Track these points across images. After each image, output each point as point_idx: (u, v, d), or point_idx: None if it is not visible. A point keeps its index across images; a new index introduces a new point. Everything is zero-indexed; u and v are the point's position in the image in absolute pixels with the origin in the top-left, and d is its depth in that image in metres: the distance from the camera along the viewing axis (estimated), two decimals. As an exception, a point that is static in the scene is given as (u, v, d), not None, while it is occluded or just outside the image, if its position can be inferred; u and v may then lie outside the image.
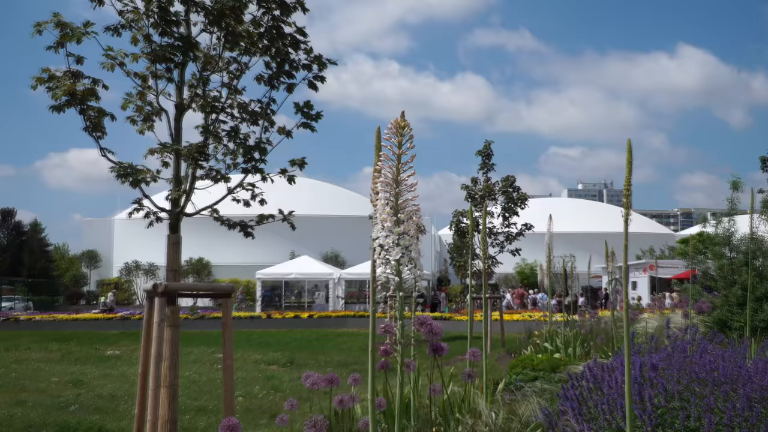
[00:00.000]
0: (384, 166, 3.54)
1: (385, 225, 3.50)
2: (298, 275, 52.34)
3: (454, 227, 28.82)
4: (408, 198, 3.54)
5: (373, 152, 4.16)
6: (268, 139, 7.69)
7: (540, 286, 25.88)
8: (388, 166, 3.54)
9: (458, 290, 58.49)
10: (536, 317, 35.27)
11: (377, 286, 3.81)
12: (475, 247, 25.32)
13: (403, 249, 3.49)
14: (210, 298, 48.19)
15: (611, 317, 15.93)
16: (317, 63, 7.79)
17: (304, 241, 61.24)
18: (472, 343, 8.24)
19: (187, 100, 7.24)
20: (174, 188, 7.09)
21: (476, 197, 27.25)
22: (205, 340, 28.60)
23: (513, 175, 28.34)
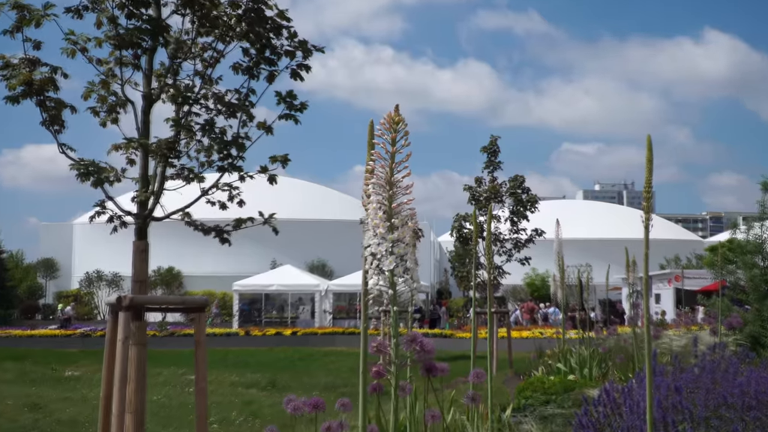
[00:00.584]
0: (376, 166, 3.56)
1: (378, 231, 3.51)
2: (280, 287, 52.31)
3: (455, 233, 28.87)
4: (403, 201, 3.55)
5: (365, 149, 4.18)
6: (246, 134, 7.71)
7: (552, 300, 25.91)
8: (380, 166, 3.55)
9: (460, 304, 58.55)
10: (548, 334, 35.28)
11: (369, 300, 3.82)
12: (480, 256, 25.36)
13: (398, 258, 3.50)
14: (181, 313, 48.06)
15: (632, 334, 15.95)
16: (301, 49, 7.81)
17: (287, 249, 61.21)
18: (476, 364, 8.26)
19: (157, 90, 7.25)
20: (141, 189, 7.10)
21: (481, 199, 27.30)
22: (176, 360, 28.56)
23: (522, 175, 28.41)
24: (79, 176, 6.65)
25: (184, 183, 7.48)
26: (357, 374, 4.39)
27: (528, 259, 27.70)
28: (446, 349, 31.38)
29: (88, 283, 67.36)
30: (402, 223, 3.52)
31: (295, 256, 62.39)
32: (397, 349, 3.66)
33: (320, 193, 79.92)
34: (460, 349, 32.90)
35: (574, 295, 36.68)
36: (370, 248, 3.53)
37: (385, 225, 3.51)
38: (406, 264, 3.52)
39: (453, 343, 35.39)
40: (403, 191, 3.55)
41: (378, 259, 3.52)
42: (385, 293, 3.54)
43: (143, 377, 6.60)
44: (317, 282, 53.12)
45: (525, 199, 27.68)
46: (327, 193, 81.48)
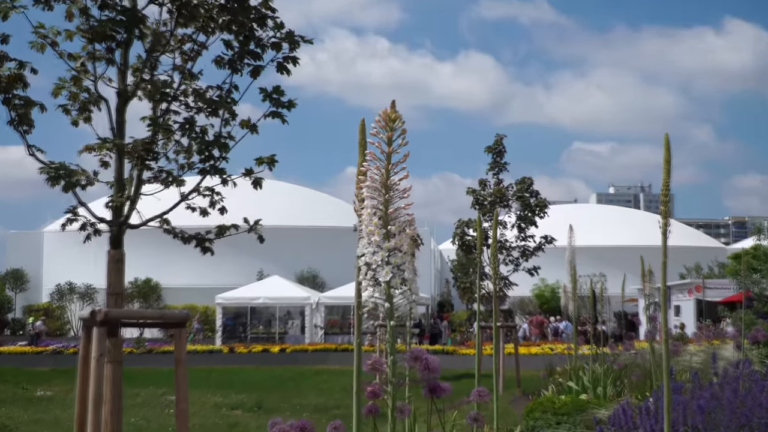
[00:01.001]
0: (371, 168, 3.55)
1: (373, 239, 3.51)
2: (267, 300, 52.31)
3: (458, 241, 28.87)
4: (400, 206, 3.54)
5: (357, 149, 4.18)
6: (229, 133, 7.71)
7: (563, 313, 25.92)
8: (375, 168, 3.54)
9: (463, 318, 58.58)
10: (559, 350, 35.31)
11: (363, 314, 3.82)
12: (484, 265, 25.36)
13: (395, 268, 3.50)
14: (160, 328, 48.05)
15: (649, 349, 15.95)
16: (288, 41, 7.81)
17: (274, 259, 61.21)
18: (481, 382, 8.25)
19: (132, 86, 7.25)
20: (116, 194, 7.10)
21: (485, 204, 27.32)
22: (155, 379, 28.53)
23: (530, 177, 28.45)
24: (49, 180, 6.65)
25: (162, 187, 7.48)
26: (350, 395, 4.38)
27: (537, 269, 27.72)
28: (448, 366, 31.33)
29: (59, 296, 67.30)
30: (399, 229, 3.51)
31: (283, 266, 62.37)
32: (394, 368, 3.66)
33: (310, 197, 79.99)
34: (463, 366, 32.87)
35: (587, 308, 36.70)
36: (364, 257, 3.53)
37: (380, 232, 3.50)
38: (404, 274, 3.51)
39: (455, 360, 35.39)
40: (400, 195, 3.54)
41: (373, 270, 3.51)
42: (381, 306, 3.53)
43: (119, 398, 6.59)
44: (307, 294, 53.11)
45: (533, 203, 27.72)
46: (317, 197, 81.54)
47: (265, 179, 7.95)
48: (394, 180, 3.53)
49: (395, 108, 3.56)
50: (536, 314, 61.63)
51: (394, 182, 3.53)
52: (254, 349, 42.57)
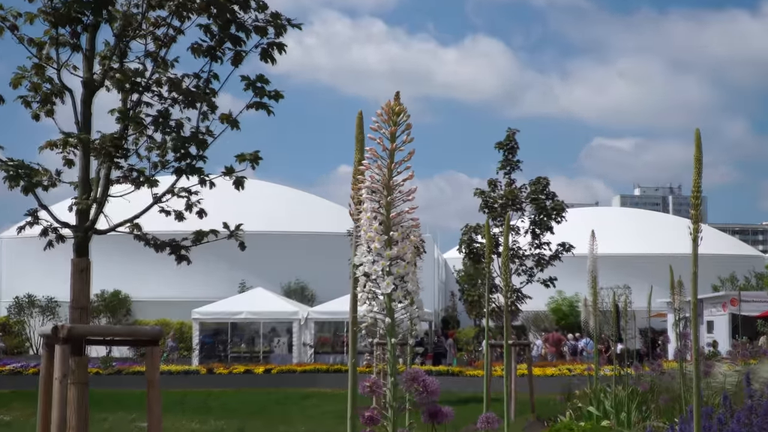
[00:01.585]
0: (371, 166, 3.53)
1: (372, 246, 3.49)
2: (250, 315, 52.26)
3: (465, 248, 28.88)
4: (404, 209, 3.53)
5: (353, 145, 4.17)
6: (207, 128, 7.71)
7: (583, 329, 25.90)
8: (376, 167, 3.52)
9: (471, 335, 58.53)
10: (578, 371, 35.31)
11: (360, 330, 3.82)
12: (494, 276, 25.37)
13: (397, 279, 3.48)
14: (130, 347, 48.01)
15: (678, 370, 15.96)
16: (273, 25, 7.81)
17: (258, 268, 61.17)
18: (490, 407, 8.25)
19: (99, 75, 7.25)
20: (81, 195, 7.09)
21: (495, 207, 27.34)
22: (124, 403, 28.51)
23: (545, 177, 28.46)
24: (7, 180, 6.65)
25: (132, 188, 7.48)
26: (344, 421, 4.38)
27: (553, 280, 27.74)
28: (454, 389, 31.36)
29: (17, 309, 67.11)
30: (403, 236, 3.50)
31: (267, 277, 62.34)
32: (395, 390, 3.65)
33: (298, 199, 79.91)
34: (470, 389, 32.88)
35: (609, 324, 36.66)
36: (363, 267, 3.51)
37: (381, 239, 3.48)
38: (407, 286, 3.50)
39: (462, 382, 35.38)
40: (404, 197, 3.53)
41: (372, 281, 3.50)
42: (381, 322, 3.53)
43: (85, 423, 6.58)
44: (295, 309, 53.08)
45: (549, 206, 27.73)
46: (306, 199, 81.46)
47: (247, 179, 7.95)
48: (397, 180, 3.52)
49: (399, 100, 3.54)
50: (552, 331, 61.59)
51: (398, 183, 3.52)
52: (235, 369, 42.54)
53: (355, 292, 3.62)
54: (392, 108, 3.53)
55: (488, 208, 27.50)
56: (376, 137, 3.53)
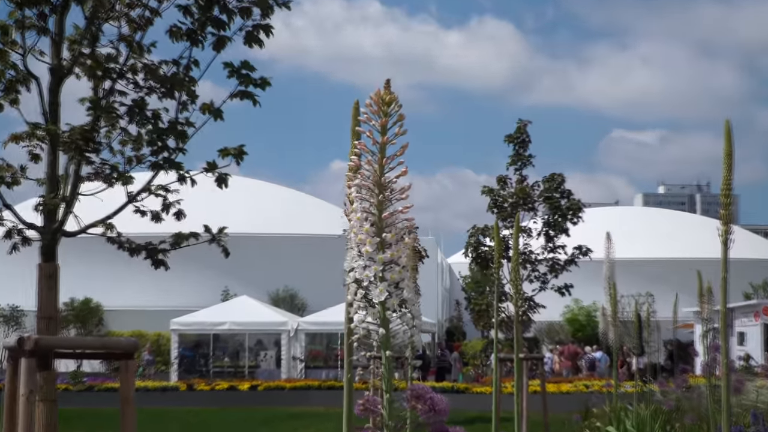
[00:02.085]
0: (362, 162, 3.55)
1: (364, 249, 3.50)
2: (234, 326, 52.24)
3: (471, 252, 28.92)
4: (397, 209, 3.54)
5: (348, 138, 4.20)
6: (187, 119, 7.74)
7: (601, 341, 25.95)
8: (367, 162, 3.54)
9: (478, 348, 58.53)
10: (595, 387, 35.35)
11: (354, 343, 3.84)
12: (504, 283, 25.39)
13: (391, 286, 3.50)
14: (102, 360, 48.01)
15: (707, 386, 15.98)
16: (259, 5, 7.84)
17: (243, 274, 61.13)
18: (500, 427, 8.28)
19: (69, 61, 7.27)
20: (48, 193, 7.12)
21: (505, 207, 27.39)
22: (96, 422, 28.54)
23: (560, 174, 28.49)
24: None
25: (105, 185, 7.50)
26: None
27: (569, 288, 27.79)
28: (460, 407, 31.37)
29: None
30: (396, 238, 3.50)
31: (253, 284, 62.31)
32: (392, 408, 3.67)
33: (288, 198, 79.89)
34: (477, 407, 32.87)
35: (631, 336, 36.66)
36: (354, 272, 3.53)
37: (373, 241, 3.49)
38: (403, 294, 3.51)
39: (468, 400, 35.39)
40: (397, 195, 3.53)
41: (365, 288, 3.51)
42: (375, 333, 3.54)
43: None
44: (284, 319, 53.07)
45: (565, 206, 27.78)
46: (297, 198, 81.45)
47: (231, 176, 7.98)
48: (389, 177, 3.52)
49: (390, 88, 3.56)
50: (568, 343, 61.61)
51: (390, 180, 3.52)
52: (218, 386, 42.54)
53: (349, 300, 3.64)
54: (382, 97, 3.54)
55: (497, 208, 27.56)
56: (366, 130, 3.54)
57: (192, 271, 54.98)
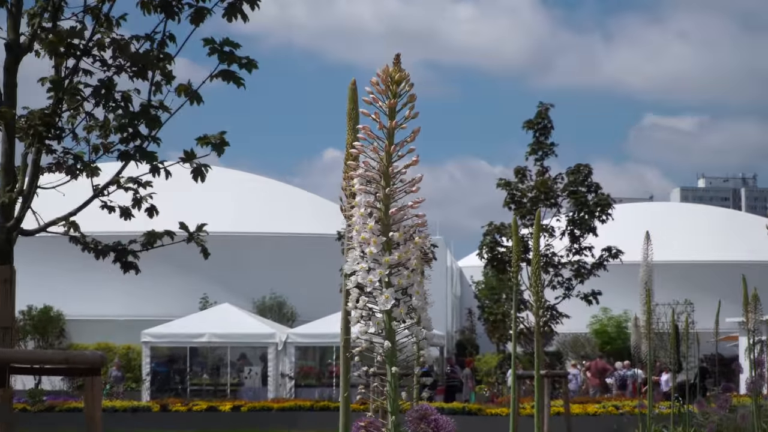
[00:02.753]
0: (365, 150, 3.52)
1: (367, 251, 3.48)
2: (214, 337, 52.22)
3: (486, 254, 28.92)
4: (407, 204, 3.52)
5: (344, 123, 4.17)
6: (161, 102, 7.71)
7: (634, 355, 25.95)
8: (371, 149, 3.51)
9: (493, 364, 58.55)
10: (626, 408, 35.34)
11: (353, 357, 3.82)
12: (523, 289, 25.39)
13: (398, 292, 3.48)
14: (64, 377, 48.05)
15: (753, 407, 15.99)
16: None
17: (224, 279, 61.19)
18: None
19: (27, 36, 7.26)
20: (4, 186, 7.10)
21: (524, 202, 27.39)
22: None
23: (587, 165, 28.48)
24: None
25: (67, 177, 7.48)
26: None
27: (596, 295, 27.78)
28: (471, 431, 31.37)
29: None
30: (405, 237, 3.49)
31: (237, 289, 62.34)
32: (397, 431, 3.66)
33: (275, 192, 79.80)
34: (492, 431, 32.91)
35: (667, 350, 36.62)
36: (355, 277, 3.51)
37: (378, 241, 3.47)
38: (412, 301, 3.50)
39: (481, 423, 35.42)
40: (407, 188, 3.51)
41: (368, 294, 3.50)
42: (379, 347, 3.52)
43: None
44: (271, 330, 53.06)
45: (592, 201, 27.78)
46: (286, 192, 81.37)
47: (210, 168, 7.96)
48: (397, 167, 3.50)
49: (400, 65, 3.53)
50: (595, 358, 61.62)
51: (398, 170, 3.50)
52: (196, 406, 42.55)
53: (347, 308, 3.61)
54: (391, 75, 3.51)
55: (515, 204, 27.55)
56: (372, 113, 3.51)
57: (166, 276, 55.03)
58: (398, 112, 3.49)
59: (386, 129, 3.49)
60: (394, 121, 3.49)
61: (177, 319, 53.72)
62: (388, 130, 3.49)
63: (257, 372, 53.60)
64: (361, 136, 3.53)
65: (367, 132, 3.51)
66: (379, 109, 3.49)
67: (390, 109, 3.49)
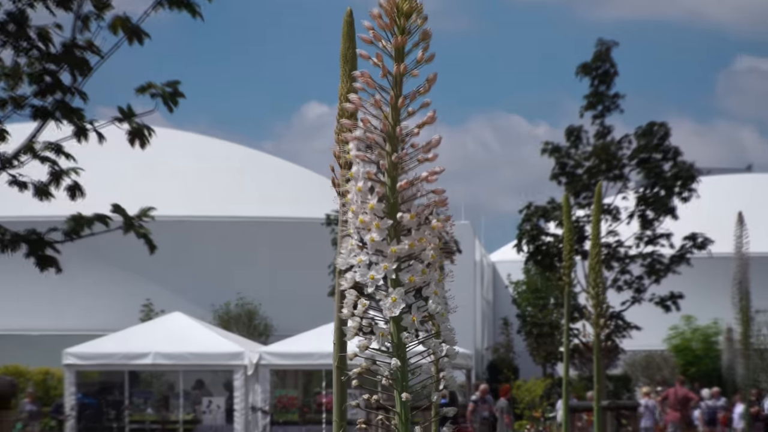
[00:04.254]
0: (364, 104, 3.53)
1: (369, 238, 3.46)
2: (161, 358, 52.24)
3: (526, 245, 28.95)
4: (421, 175, 3.51)
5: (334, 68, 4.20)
6: (91, 41, 7.75)
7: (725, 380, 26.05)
8: (374, 104, 3.52)
9: (537, 392, 58.68)
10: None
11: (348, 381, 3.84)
12: (577, 291, 25.42)
13: (410, 294, 3.48)
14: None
15: None
16: None
17: (175, 279, 61.28)
18: None
19: None
20: None
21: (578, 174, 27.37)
22: None
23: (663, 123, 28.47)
24: None
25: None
26: None
27: (676, 299, 27.81)
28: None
29: None
30: (419, 220, 3.48)
31: (191, 294, 62.45)
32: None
33: (241, 162, 79.63)
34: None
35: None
36: (352, 274, 3.51)
37: (382, 225, 3.46)
38: (427, 306, 3.50)
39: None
40: (420, 154, 3.51)
41: (369, 297, 3.50)
42: (384, 368, 3.54)
43: None
44: (238, 348, 53.07)
45: (670, 172, 27.75)
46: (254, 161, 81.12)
47: (157, 129, 8.00)
48: (408, 127, 3.50)
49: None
50: (675, 383, 61.74)
51: (410, 131, 3.50)
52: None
53: (340, 314, 3.62)
54: (398, 6, 3.51)
55: (566, 176, 27.59)
56: (373, 55, 3.51)
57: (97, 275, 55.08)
58: (408, 53, 3.50)
59: (392, 76, 3.49)
60: (403, 65, 3.48)
61: (111, 334, 53.71)
62: (395, 78, 3.47)
63: (219, 405, 53.66)
64: (358, 86, 3.51)
65: (367, 80, 3.50)
66: (382, 51, 3.49)
67: (397, 49, 3.47)
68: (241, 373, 51.87)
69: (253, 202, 70.53)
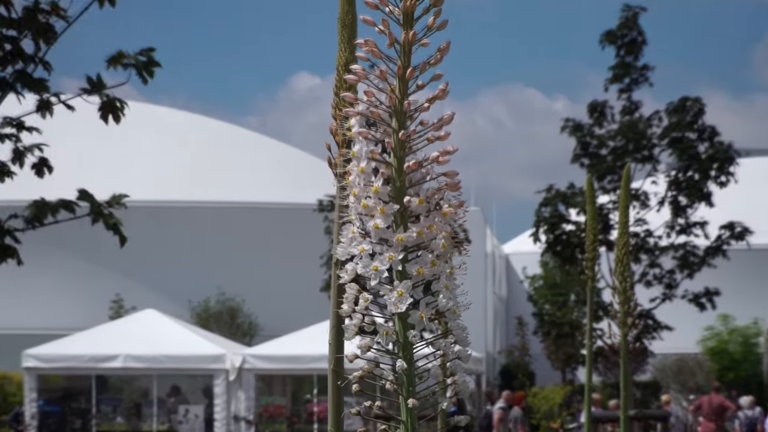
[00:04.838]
0: (367, 75, 3.54)
1: (372, 225, 3.47)
2: (133, 361, 52.24)
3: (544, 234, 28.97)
4: (431, 156, 3.53)
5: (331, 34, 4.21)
6: (56, 4, 7.77)
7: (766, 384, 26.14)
8: (378, 75, 3.53)
9: (556, 400, 58.75)
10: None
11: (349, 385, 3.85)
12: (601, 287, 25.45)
13: (418, 288, 3.49)
14: None
15: None
16: None
17: (148, 273, 61.29)
18: None
19: None
20: None
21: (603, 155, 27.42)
22: None
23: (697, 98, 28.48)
24: None
25: None
26: None
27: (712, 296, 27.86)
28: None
29: None
30: (428, 206, 3.50)
31: (166, 289, 62.47)
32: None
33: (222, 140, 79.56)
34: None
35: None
36: (352, 265, 3.52)
37: (388, 210, 3.48)
38: (437, 301, 3.51)
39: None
40: (431, 133, 3.52)
41: (372, 291, 3.51)
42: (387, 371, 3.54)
43: None
44: (220, 350, 53.07)
45: (705, 153, 27.79)
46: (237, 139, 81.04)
47: (130, 102, 8.02)
48: (417, 101, 3.52)
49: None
50: (710, 391, 61.81)
51: (419, 106, 3.52)
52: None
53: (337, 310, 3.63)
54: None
55: (589, 157, 27.62)
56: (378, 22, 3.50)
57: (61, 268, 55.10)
58: (417, 19, 3.51)
59: (399, 45, 3.50)
60: (412, 32, 3.50)
61: (76, 334, 53.71)
62: (403, 47, 3.49)
63: (198, 414, 53.66)
64: (361, 56, 3.52)
65: (372, 49, 3.51)
66: (388, 16, 3.50)
67: (405, 14, 3.49)
68: (223, 378, 51.83)
69: (236, 185, 70.48)
